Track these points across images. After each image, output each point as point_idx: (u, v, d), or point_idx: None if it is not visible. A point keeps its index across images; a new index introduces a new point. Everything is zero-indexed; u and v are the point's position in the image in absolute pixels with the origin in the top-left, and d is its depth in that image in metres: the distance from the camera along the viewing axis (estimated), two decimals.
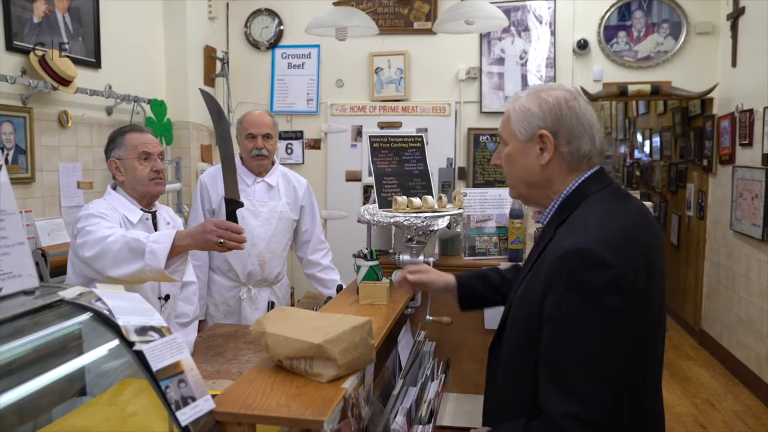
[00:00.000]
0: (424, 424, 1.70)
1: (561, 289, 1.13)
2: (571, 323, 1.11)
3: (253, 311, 2.74)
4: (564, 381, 1.11)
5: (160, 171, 2.11)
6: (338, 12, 3.24)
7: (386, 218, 2.04)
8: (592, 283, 1.10)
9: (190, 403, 1.03)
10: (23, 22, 3.05)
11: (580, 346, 1.11)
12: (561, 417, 1.10)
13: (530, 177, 1.31)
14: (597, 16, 4.73)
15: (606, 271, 1.10)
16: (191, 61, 4.47)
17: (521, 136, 1.29)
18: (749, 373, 4.11)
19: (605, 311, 1.09)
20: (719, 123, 4.65)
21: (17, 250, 1.02)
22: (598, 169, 1.29)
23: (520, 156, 1.30)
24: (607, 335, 1.10)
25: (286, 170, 2.88)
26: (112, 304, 1.06)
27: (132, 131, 2.13)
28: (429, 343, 2.07)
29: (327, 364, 1.22)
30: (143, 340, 1.02)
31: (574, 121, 1.25)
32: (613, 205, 1.24)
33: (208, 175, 2.79)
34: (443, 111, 4.85)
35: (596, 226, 1.17)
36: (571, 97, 1.27)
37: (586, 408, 1.09)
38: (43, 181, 3.19)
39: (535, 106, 1.27)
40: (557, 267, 1.14)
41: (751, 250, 4.10)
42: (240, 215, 2.67)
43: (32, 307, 1.00)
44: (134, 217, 2.08)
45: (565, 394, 1.11)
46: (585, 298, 1.10)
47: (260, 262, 2.72)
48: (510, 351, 1.32)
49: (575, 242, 1.14)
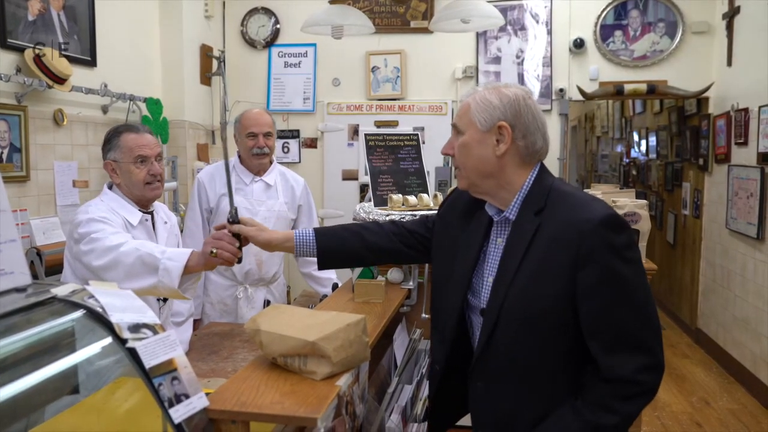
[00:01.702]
0: (419, 422, 1.70)
1: (602, 257, 1.21)
2: (621, 284, 1.22)
3: (249, 310, 2.73)
4: (629, 339, 1.21)
5: (157, 174, 2.04)
6: (334, 10, 3.24)
7: (382, 216, 2.03)
8: (624, 243, 1.22)
9: (184, 400, 1.03)
10: (18, 19, 3.03)
11: (633, 301, 1.22)
12: (636, 372, 1.19)
13: (484, 167, 1.33)
14: (593, 15, 4.73)
15: (626, 230, 1.25)
16: (187, 59, 4.46)
17: (480, 126, 1.32)
18: (745, 371, 4.12)
19: (636, 264, 1.24)
20: (715, 122, 4.66)
21: (9, 247, 1.01)
22: (542, 164, 1.38)
23: (477, 145, 1.33)
24: (643, 284, 1.24)
25: (284, 169, 2.88)
26: (104, 301, 1.05)
27: (128, 131, 2.05)
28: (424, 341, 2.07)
29: (321, 362, 1.21)
30: (136, 338, 1.02)
31: (530, 118, 1.32)
32: (576, 187, 1.44)
33: (206, 174, 2.78)
34: (440, 110, 4.85)
35: (594, 199, 1.29)
36: (527, 96, 1.34)
37: (656, 355, 1.21)
38: (38, 180, 3.18)
39: (496, 99, 1.32)
40: (593, 238, 1.21)
41: (747, 249, 4.11)
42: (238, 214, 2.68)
43: (24, 304, 1.00)
44: (134, 219, 2.04)
45: (633, 350, 1.21)
46: (623, 259, 1.21)
47: (258, 262, 2.71)
48: (523, 358, 1.27)
49: (599, 213, 1.23)
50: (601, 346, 1.21)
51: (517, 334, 1.27)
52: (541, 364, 1.27)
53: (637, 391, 1.20)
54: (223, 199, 2.69)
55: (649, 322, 1.22)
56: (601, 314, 1.21)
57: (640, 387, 1.20)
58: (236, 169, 2.74)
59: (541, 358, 1.27)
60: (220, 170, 2.76)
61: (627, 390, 1.19)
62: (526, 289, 1.25)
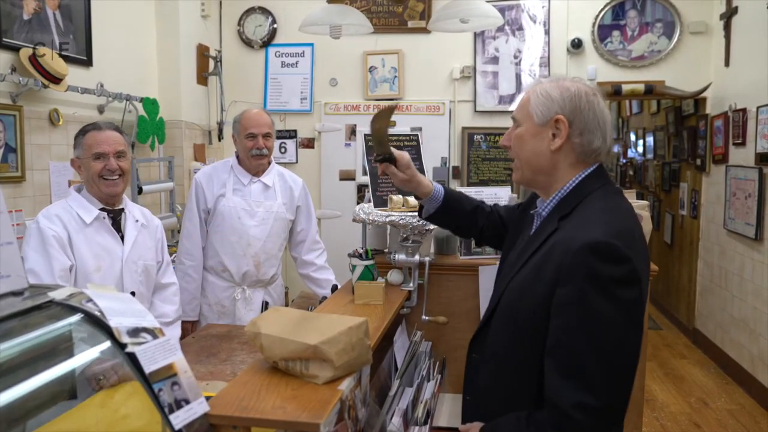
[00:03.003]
0: (420, 425, 1.68)
1: (579, 281, 1.14)
2: (586, 313, 1.14)
3: (247, 312, 2.71)
4: (576, 370, 1.13)
5: (114, 170, 2.06)
6: (333, 10, 3.22)
7: (382, 217, 2.02)
8: (610, 275, 1.13)
9: (184, 406, 1.01)
10: (12, 18, 3.00)
11: (594, 335, 1.13)
12: (572, 407, 1.12)
13: (537, 161, 1.32)
14: (591, 16, 4.73)
15: (623, 264, 1.14)
16: (184, 59, 4.43)
17: (537, 120, 1.31)
18: (742, 371, 4.12)
19: (621, 302, 1.13)
20: (712, 122, 4.66)
21: (6, 249, 0.99)
22: (599, 166, 1.32)
23: (532, 138, 1.32)
24: (621, 326, 1.14)
25: (282, 170, 2.86)
26: (103, 305, 1.03)
27: (93, 130, 2.09)
28: (425, 343, 2.06)
29: (323, 366, 1.20)
30: (136, 342, 1.00)
31: (591, 116, 1.27)
32: (616, 202, 1.28)
33: (204, 174, 2.76)
34: (437, 110, 4.84)
35: (609, 221, 1.20)
36: (591, 93, 1.30)
37: (599, 397, 1.11)
38: (34, 180, 3.15)
39: (556, 93, 1.29)
40: (574, 259, 1.15)
41: (745, 249, 4.11)
42: (236, 215, 2.67)
43: (21, 308, 0.98)
44: (89, 217, 2.06)
45: (576, 383, 1.13)
46: (602, 290, 1.13)
47: (256, 263, 2.69)
48: (502, 345, 1.32)
49: (594, 236, 1.16)
50: (553, 366, 1.17)
51: (504, 325, 1.32)
52: (517, 359, 1.28)
53: (570, 427, 1.12)
54: (221, 199, 2.67)
55: (607, 366, 1.12)
56: (560, 336, 1.16)
57: (573, 423, 1.11)
58: (234, 170, 2.73)
59: (519, 355, 1.27)
60: (218, 171, 2.75)
61: (560, 421, 1.13)
62: (519, 288, 1.29)
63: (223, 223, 2.66)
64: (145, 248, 2.21)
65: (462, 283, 2.20)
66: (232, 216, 2.66)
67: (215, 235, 2.70)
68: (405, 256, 2.04)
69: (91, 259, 2.04)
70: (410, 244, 2.03)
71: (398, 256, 2.06)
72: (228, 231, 2.66)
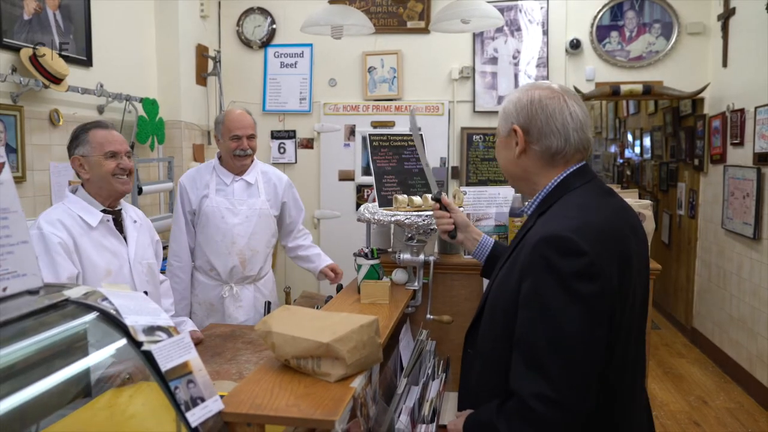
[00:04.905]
0: (427, 423, 1.68)
1: (537, 273, 1.18)
2: (544, 305, 1.16)
3: (236, 309, 2.74)
4: (534, 361, 1.16)
5: (127, 169, 2.05)
6: (334, 10, 3.22)
7: (387, 217, 2.03)
8: (566, 268, 1.15)
9: (200, 403, 1.02)
10: (13, 19, 3.00)
11: (551, 327, 1.15)
12: (530, 396, 1.15)
13: (509, 168, 1.41)
14: (589, 16, 4.75)
15: (579, 257, 1.15)
16: (183, 59, 4.43)
17: (502, 132, 1.40)
18: (741, 370, 4.14)
19: (577, 295, 1.14)
20: (710, 122, 4.69)
21: (21, 248, 0.99)
22: (583, 165, 1.36)
23: (502, 149, 1.42)
24: (577, 319, 1.14)
25: (266, 168, 2.89)
26: (118, 303, 1.04)
27: (97, 128, 2.05)
28: (431, 342, 2.06)
29: (335, 364, 1.20)
30: (151, 340, 1.00)
31: (544, 120, 1.32)
32: (593, 199, 1.31)
33: (187, 177, 2.79)
34: (436, 110, 4.85)
35: (573, 216, 1.23)
36: (549, 96, 1.33)
37: (554, 387, 1.13)
38: (34, 181, 3.14)
39: (511, 106, 1.37)
40: (533, 252, 1.19)
41: (743, 249, 4.13)
42: (219, 214, 2.71)
43: (37, 307, 0.98)
44: (93, 220, 2.02)
45: (534, 373, 1.16)
46: (559, 282, 1.15)
47: (241, 260, 2.73)
48: (487, 341, 1.37)
49: (552, 229, 1.20)
50: (517, 357, 1.20)
51: (489, 321, 1.37)
52: (498, 353, 1.30)
53: (531, 416, 1.14)
54: (205, 200, 2.71)
55: (563, 358, 1.13)
56: (523, 327, 1.19)
57: (533, 413, 1.14)
58: (216, 171, 2.76)
59: (499, 349, 1.30)
60: (201, 172, 2.78)
61: (523, 411, 1.15)
62: (499, 285, 1.35)
63: (207, 223, 2.71)
64: (145, 247, 2.22)
65: (466, 282, 2.21)
66: (215, 215, 2.70)
67: (201, 235, 2.74)
68: (410, 256, 2.05)
69: (101, 263, 2.01)
70: (415, 243, 2.03)
71: (403, 255, 2.07)
72: (212, 230, 2.70)
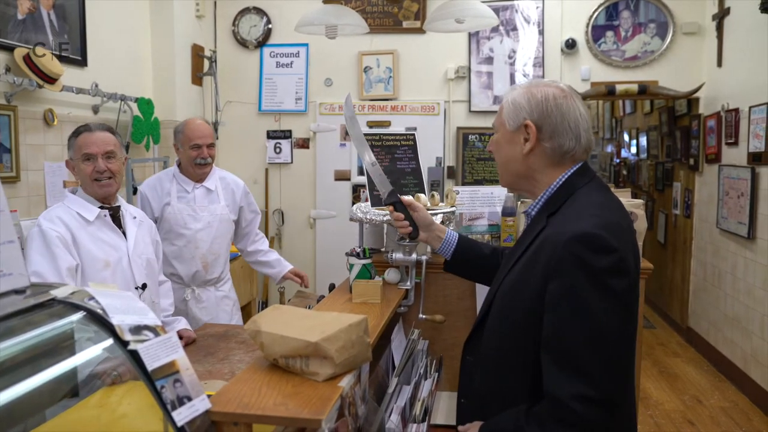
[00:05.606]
0: (418, 422, 1.69)
1: (569, 272, 1.16)
2: (578, 304, 1.15)
3: (199, 309, 2.80)
4: (573, 362, 1.14)
5: (102, 171, 2.07)
6: (329, 10, 3.23)
7: (379, 216, 2.03)
8: (599, 265, 1.15)
9: (186, 402, 1.02)
10: (7, 18, 3.00)
11: (590, 327, 1.14)
12: (571, 398, 1.12)
13: (513, 166, 1.38)
14: (585, 16, 4.76)
15: (611, 254, 1.15)
16: (179, 59, 4.43)
17: (509, 126, 1.37)
18: (735, 369, 4.15)
19: (612, 292, 1.14)
20: (705, 122, 4.70)
21: (7, 248, 0.99)
22: (583, 164, 1.36)
23: (506, 144, 1.38)
24: (614, 316, 1.14)
25: (224, 174, 2.93)
26: (105, 302, 1.04)
27: (84, 131, 2.10)
28: (423, 341, 2.07)
29: (323, 363, 1.20)
30: (138, 339, 1.00)
31: (559, 119, 1.31)
32: (603, 197, 1.32)
33: (147, 186, 2.80)
34: (432, 110, 4.85)
35: (596, 214, 1.22)
36: (561, 95, 1.33)
37: (597, 387, 1.12)
38: (29, 181, 3.14)
39: (524, 100, 1.34)
40: (564, 251, 1.17)
41: (738, 248, 4.14)
42: (182, 221, 2.74)
43: (24, 306, 0.98)
44: (91, 215, 2.07)
45: (573, 374, 1.14)
46: (593, 281, 1.15)
47: (204, 264, 2.77)
48: (497, 345, 1.34)
49: (581, 227, 1.18)
50: (549, 360, 1.17)
51: (498, 326, 1.34)
52: (512, 358, 1.29)
53: (571, 418, 1.13)
54: (167, 207, 2.73)
55: (603, 356, 1.13)
56: (554, 329, 1.17)
57: (574, 415, 1.12)
58: (177, 178, 2.77)
59: (513, 354, 1.29)
60: (161, 180, 2.80)
61: (561, 413, 1.13)
62: (511, 288, 1.31)
63: (170, 229, 2.73)
64: (145, 243, 2.25)
65: (459, 281, 2.21)
66: (177, 222, 2.73)
67: (164, 241, 2.74)
68: (402, 255, 2.05)
69: (100, 255, 2.05)
70: (407, 243, 2.04)
71: (395, 254, 2.07)
72: (175, 237, 2.73)
